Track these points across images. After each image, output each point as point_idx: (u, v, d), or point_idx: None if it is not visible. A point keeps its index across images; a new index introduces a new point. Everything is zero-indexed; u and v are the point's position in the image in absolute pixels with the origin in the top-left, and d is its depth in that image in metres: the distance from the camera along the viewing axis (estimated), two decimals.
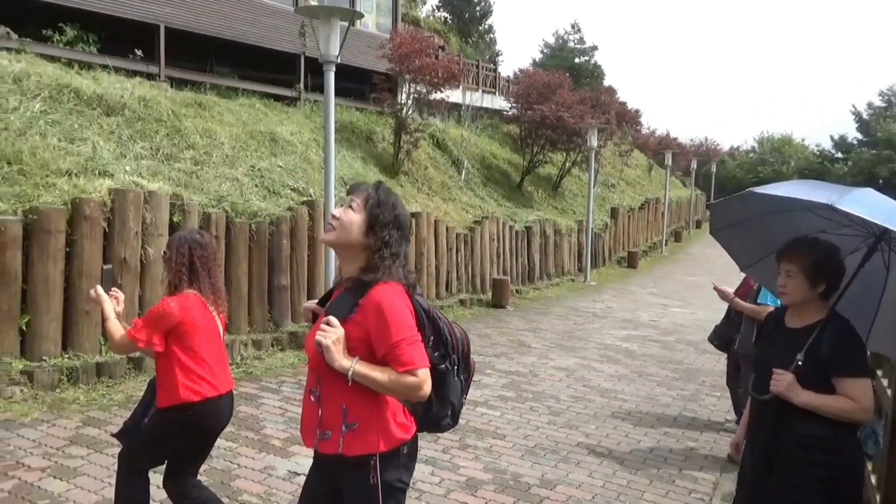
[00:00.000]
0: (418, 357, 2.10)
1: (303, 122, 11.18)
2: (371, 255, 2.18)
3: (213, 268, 3.22)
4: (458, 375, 2.32)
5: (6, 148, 6.30)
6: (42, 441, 4.49)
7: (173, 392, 3.01)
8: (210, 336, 3.13)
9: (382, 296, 2.12)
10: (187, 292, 3.10)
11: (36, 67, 7.85)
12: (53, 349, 5.54)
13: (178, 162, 7.72)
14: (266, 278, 7.28)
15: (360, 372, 2.09)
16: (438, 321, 2.27)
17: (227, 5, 11.71)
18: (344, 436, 2.17)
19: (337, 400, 2.18)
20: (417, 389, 2.10)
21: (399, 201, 2.27)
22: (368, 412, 2.17)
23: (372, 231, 2.18)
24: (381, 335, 2.11)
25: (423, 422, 2.30)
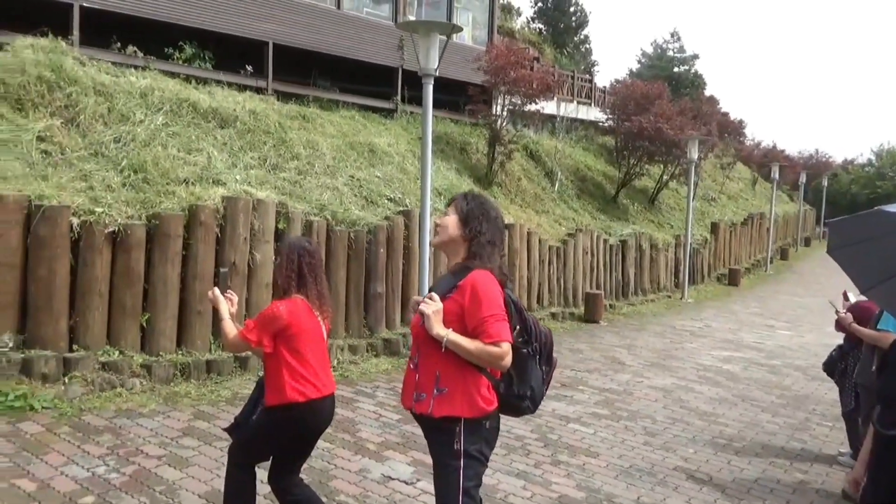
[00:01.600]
0: (503, 331, 2.44)
1: (400, 133, 11.44)
2: (469, 245, 2.56)
3: (320, 275, 3.33)
4: (539, 365, 2.63)
5: (133, 158, 6.83)
6: (158, 431, 4.81)
7: (280, 392, 3.14)
8: (315, 340, 3.24)
9: (477, 278, 2.48)
10: (295, 297, 3.22)
11: (159, 83, 8.45)
12: (169, 345, 5.93)
13: (284, 172, 8.09)
14: (363, 285, 7.48)
15: (452, 340, 2.44)
16: (524, 312, 2.61)
17: (329, 22, 12.19)
18: (434, 398, 2.51)
19: (431, 366, 2.53)
20: (500, 359, 2.43)
21: (486, 199, 2.67)
22: (457, 380, 2.49)
23: (465, 225, 2.57)
24: (473, 311, 2.45)
25: (505, 400, 2.58)
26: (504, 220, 2.71)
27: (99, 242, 5.59)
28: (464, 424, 2.48)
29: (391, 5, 13.80)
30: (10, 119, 6.67)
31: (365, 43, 12.57)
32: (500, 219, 2.65)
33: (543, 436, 5.53)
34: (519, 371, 2.55)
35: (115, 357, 5.57)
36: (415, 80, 12.51)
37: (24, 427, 4.62)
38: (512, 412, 2.65)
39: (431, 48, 7.19)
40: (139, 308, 5.81)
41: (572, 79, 20.16)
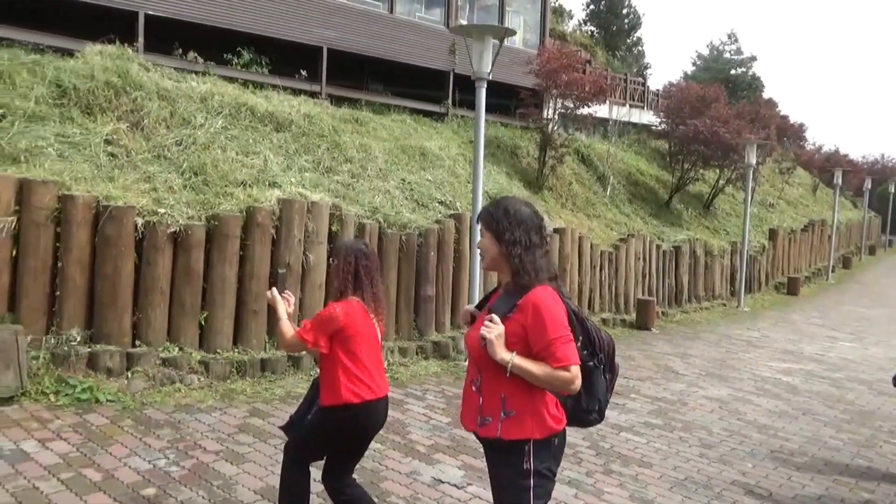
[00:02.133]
0: (571, 354, 2.32)
1: (451, 137, 11.48)
2: (511, 258, 2.42)
3: (376, 277, 3.35)
4: (604, 374, 2.53)
5: (194, 160, 7.04)
6: (215, 426, 4.93)
7: (336, 393, 3.17)
8: (370, 342, 3.27)
9: (540, 298, 2.35)
10: (351, 299, 3.25)
11: (218, 88, 8.69)
12: (226, 343, 6.07)
13: (337, 175, 8.21)
14: (413, 288, 7.52)
15: (518, 365, 2.32)
16: (586, 322, 2.49)
17: (382, 27, 12.33)
18: (502, 422, 2.41)
19: (496, 389, 2.42)
20: (570, 383, 2.32)
21: (509, 202, 2.51)
22: (525, 401, 2.39)
23: (500, 240, 2.44)
24: (537, 333, 2.33)
25: (573, 415, 2.50)
26: (534, 211, 2.51)
27: (161, 242, 5.77)
28: (533, 444, 2.39)
29: (443, 10, 13.86)
30: (80, 123, 6.96)
31: (417, 47, 12.66)
32: (530, 215, 2.48)
33: (595, 444, 5.44)
34: (586, 386, 2.44)
35: (175, 353, 5.74)
36: (466, 84, 12.60)
37: (90, 419, 4.80)
38: (580, 424, 2.59)
39: (485, 52, 7.19)
40: (198, 306, 5.98)
41: (625, 82, 19.87)
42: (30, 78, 7.04)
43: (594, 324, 2.55)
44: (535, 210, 2.52)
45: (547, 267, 2.45)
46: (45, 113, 6.84)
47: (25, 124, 6.57)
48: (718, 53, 40.77)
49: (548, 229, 2.85)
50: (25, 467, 4.01)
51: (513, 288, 2.44)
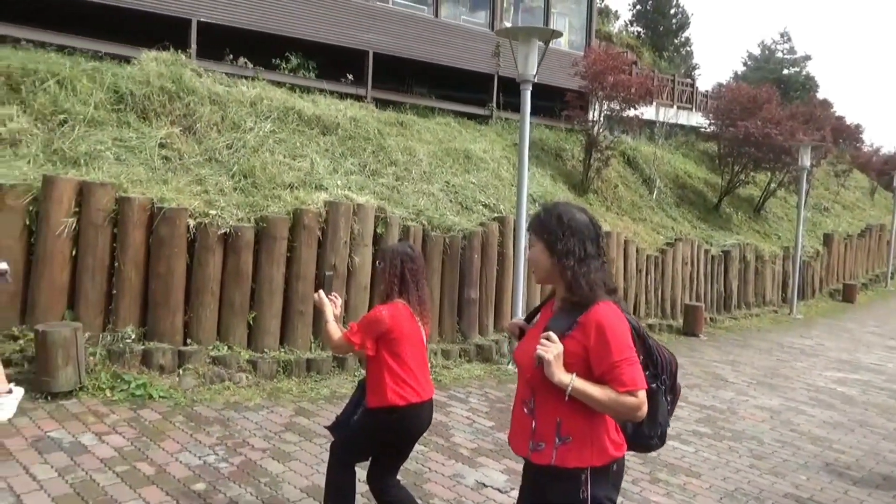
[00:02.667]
0: (638, 378, 2.13)
1: (495, 139, 11.46)
2: (564, 270, 2.22)
3: (421, 280, 3.37)
4: (665, 396, 2.35)
5: (243, 163, 7.20)
6: (263, 424, 5.02)
7: (381, 395, 3.19)
8: (415, 344, 3.28)
9: (604, 316, 2.15)
10: (397, 302, 3.27)
11: (267, 92, 8.88)
12: (273, 343, 6.18)
13: (382, 177, 8.28)
14: (457, 291, 7.52)
15: (578, 388, 2.12)
16: (648, 339, 2.31)
17: (427, 30, 12.40)
18: (557, 448, 2.21)
19: (551, 413, 2.23)
20: (636, 410, 2.12)
21: (564, 210, 2.29)
22: (582, 426, 2.20)
23: (553, 251, 2.24)
24: (601, 355, 2.14)
25: (634, 440, 2.33)
26: (591, 219, 2.31)
27: (212, 243, 5.92)
28: (591, 471, 2.19)
29: (487, 12, 13.86)
30: (136, 127, 7.20)
31: (461, 50, 12.69)
32: (586, 223, 2.27)
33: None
34: (649, 412, 2.23)
35: (224, 352, 5.87)
36: (510, 87, 12.56)
37: (144, 414, 4.95)
38: (641, 449, 2.42)
39: (530, 54, 7.16)
40: (247, 306, 6.10)
41: (672, 83, 19.50)
42: (90, 84, 7.31)
43: (656, 341, 2.37)
44: (592, 217, 2.30)
45: (604, 281, 2.23)
46: (103, 118, 7.10)
47: (85, 129, 6.83)
48: (770, 53, 39.69)
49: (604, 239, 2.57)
50: (83, 459, 4.15)
51: (570, 304, 2.24)
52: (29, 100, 6.88)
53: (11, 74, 7.01)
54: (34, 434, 4.41)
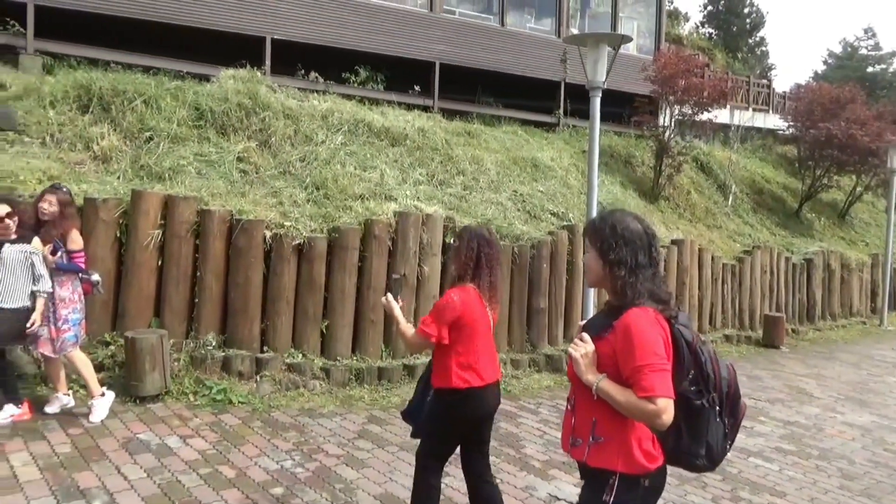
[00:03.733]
0: (659, 385, 2.10)
1: (562, 147, 11.34)
2: (614, 279, 2.26)
3: (495, 266, 3.34)
4: (721, 417, 2.27)
5: (316, 175, 7.39)
6: (336, 431, 5.11)
7: (446, 378, 3.22)
8: (483, 329, 3.27)
9: (633, 319, 2.17)
10: (468, 286, 3.26)
11: (338, 105, 9.09)
12: (345, 351, 6.30)
13: (450, 187, 8.33)
14: (525, 300, 7.47)
15: (603, 388, 2.19)
16: (701, 355, 2.24)
17: (493, 39, 12.42)
18: (590, 446, 2.28)
19: (587, 411, 2.30)
20: (654, 417, 2.10)
21: (618, 218, 2.32)
22: (614, 429, 2.23)
23: (605, 258, 2.29)
24: (626, 357, 2.16)
25: (673, 454, 2.29)
26: (645, 228, 2.31)
27: (287, 253, 6.09)
28: (619, 479, 2.20)
29: (553, 20, 13.78)
30: (215, 142, 7.51)
31: (527, 58, 12.65)
32: (639, 233, 2.28)
33: (721, 468, 5.12)
34: (691, 426, 2.23)
35: (299, 360, 6.02)
36: (577, 93, 12.42)
37: (224, 418, 5.13)
38: (685, 467, 2.33)
39: (599, 61, 7.05)
40: (320, 315, 6.24)
41: (747, 84, 18.82)
42: (173, 102, 7.68)
43: (714, 357, 2.28)
44: (647, 226, 2.33)
45: (652, 290, 2.23)
46: (185, 134, 7.44)
47: (169, 145, 7.18)
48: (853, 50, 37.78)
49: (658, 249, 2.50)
50: (169, 461, 4.34)
51: (609, 308, 2.32)
52: (118, 119, 7.30)
53: (103, 95, 7.45)
54: (125, 436, 4.64)
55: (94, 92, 7.46)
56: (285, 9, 10.25)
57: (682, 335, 2.21)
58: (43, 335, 4.75)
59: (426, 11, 11.92)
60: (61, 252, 4.80)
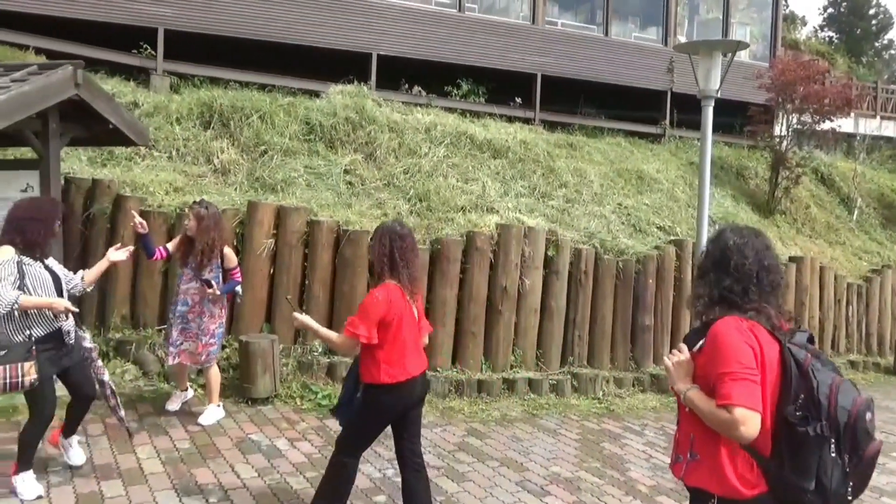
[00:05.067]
0: (738, 393, 2.00)
1: (669, 159, 10.95)
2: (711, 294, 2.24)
3: (411, 258, 3.37)
4: (838, 452, 2.01)
5: (419, 187, 7.51)
6: (437, 442, 5.12)
7: (372, 374, 3.32)
8: (409, 324, 3.35)
9: (720, 327, 2.12)
10: (388, 283, 3.31)
11: (440, 119, 9.22)
12: (445, 362, 6.32)
13: (552, 199, 8.22)
14: (630, 317, 7.22)
15: (690, 397, 2.15)
16: (813, 379, 2.04)
17: (596, 49, 12.22)
18: (688, 463, 2.23)
19: (687, 427, 2.26)
20: (731, 428, 2.01)
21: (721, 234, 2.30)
22: (710, 447, 2.15)
23: (702, 276, 2.29)
24: (709, 365, 2.12)
25: (777, 485, 2.09)
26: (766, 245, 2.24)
27: None
28: (717, 501, 2.12)
29: (660, 28, 13.40)
30: (324, 156, 7.80)
31: (632, 68, 12.35)
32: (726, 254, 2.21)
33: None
34: (794, 454, 2.03)
35: None
36: (684, 103, 11.98)
37: (329, 423, 5.24)
38: (791, 500, 2.08)
39: (712, 69, 6.74)
40: None
41: (875, 91, 17.46)
42: (285, 118, 8.06)
43: (835, 384, 2.04)
44: (767, 244, 2.25)
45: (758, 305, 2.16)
46: (296, 148, 7.78)
47: (282, 158, 7.52)
48: None
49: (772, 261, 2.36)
50: (279, 463, 4.49)
51: (707, 319, 2.25)
52: (236, 133, 7.74)
53: (223, 112, 7.93)
54: (238, 436, 4.86)
55: (215, 109, 7.96)
56: (390, 25, 10.55)
57: (792, 354, 2.06)
58: (188, 348, 4.91)
59: (528, 24, 11.91)
60: (218, 272, 4.91)
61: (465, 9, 11.39)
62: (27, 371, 3.53)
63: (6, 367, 3.50)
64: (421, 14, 10.99)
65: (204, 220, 4.81)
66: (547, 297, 6.77)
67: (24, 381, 3.53)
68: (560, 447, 5.27)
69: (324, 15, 10.12)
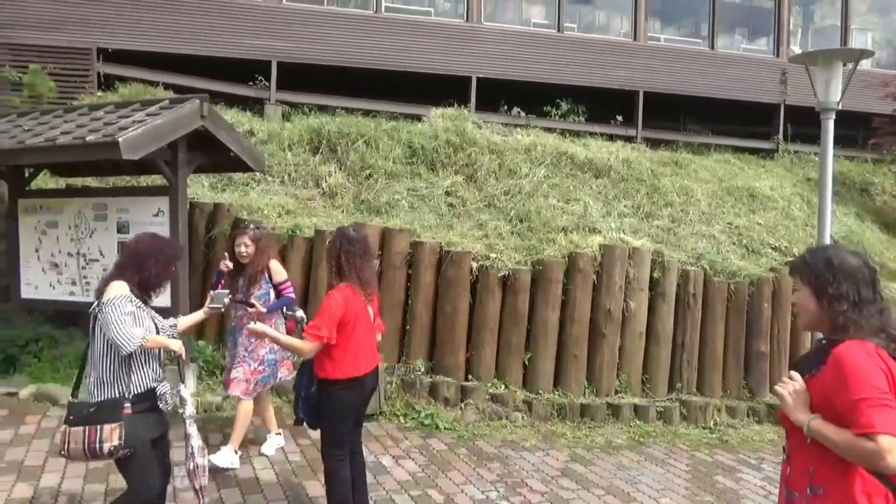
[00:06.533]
0: (880, 420, 1.86)
1: (783, 175, 10.36)
2: (835, 315, 2.08)
3: (360, 260, 3.53)
4: None
5: (520, 208, 7.51)
6: (540, 467, 5.04)
7: (325, 370, 3.48)
8: (364, 323, 3.53)
9: (846, 351, 1.98)
10: (342, 286, 3.47)
11: (540, 139, 9.19)
12: (547, 384, 6.23)
13: (657, 219, 7.98)
14: (743, 342, 6.84)
15: (815, 428, 1.99)
16: None
17: (702, 63, 11.81)
18: (808, 499, 2.06)
19: (803, 460, 2.09)
20: (877, 458, 1.86)
21: (833, 253, 2.16)
22: (837, 480, 1.99)
23: (821, 295, 2.11)
24: (839, 392, 1.96)
25: None
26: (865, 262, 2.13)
27: (492, 285, 6.21)
28: None
29: (771, 39, 12.79)
30: (425, 178, 7.97)
31: (740, 81, 11.82)
32: (859, 266, 2.10)
33: None
34: None
35: (502, 390, 6.07)
36: (799, 116, 11.33)
37: (432, 443, 5.31)
38: None
39: (832, 80, 6.35)
40: (522, 347, 6.26)
41: None
42: (389, 142, 8.31)
43: None
44: (867, 261, 2.15)
45: (880, 327, 2.03)
46: (399, 171, 7.99)
47: (386, 181, 7.75)
48: None
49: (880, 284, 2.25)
50: (384, 479, 4.58)
51: (822, 345, 2.15)
52: (343, 158, 8.06)
53: (330, 137, 8.29)
54: None
55: (323, 135, 8.33)
56: (489, 49, 10.67)
57: None
58: (238, 376, 4.55)
59: (629, 40, 11.70)
60: (267, 288, 4.63)
61: (563, 28, 11.35)
62: (108, 436, 2.96)
63: (86, 430, 2.97)
64: (519, 36, 11.06)
65: (261, 241, 4.63)
66: (653, 320, 6.55)
67: (104, 448, 2.97)
68: (669, 478, 5.05)
69: (425, 42, 10.39)
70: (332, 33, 10.00)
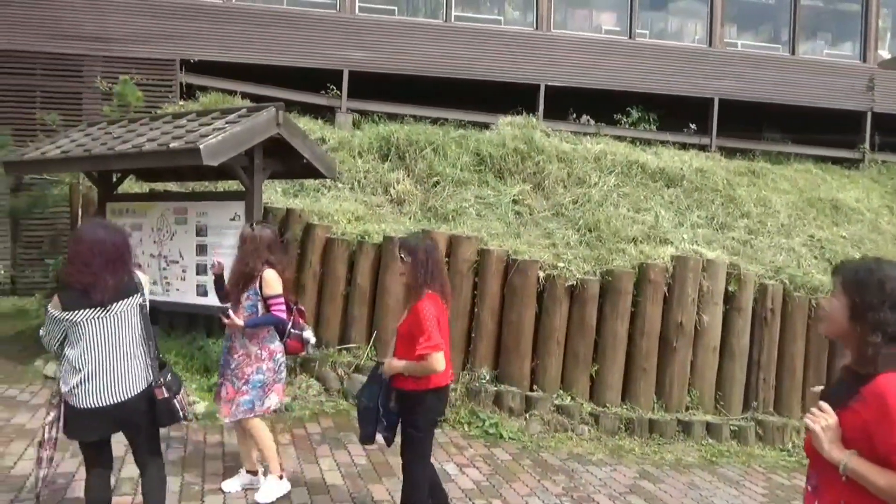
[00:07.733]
0: None
1: (869, 186, 9.85)
2: (862, 343, 1.92)
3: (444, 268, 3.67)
4: None
5: (588, 217, 7.39)
6: (607, 482, 4.92)
7: (423, 381, 3.37)
8: (445, 330, 3.45)
9: (887, 387, 1.83)
10: (428, 293, 3.40)
11: (610, 147, 9.05)
12: (615, 398, 6.08)
13: (733, 231, 7.70)
14: (825, 361, 6.50)
15: (854, 469, 1.86)
16: None
17: (781, 70, 11.37)
18: None
19: (834, 494, 1.96)
20: None
21: (889, 274, 1.92)
22: None
23: (857, 316, 1.93)
24: (882, 432, 1.83)
25: None
26: None
27: (559, 294, 6.12)
28: None
29: (856, 43, 12.18)
30: (493, 186, 7.96)
31: (822, 88, 11.32)
32: None
33: None
34: None
35: (568, 402, 5.96)
36: (887, 124, 10.74)
37: (496, 452, 5.26)
38: None
39: None
40: (590, 358, 6.13)
41: None
42: (457, 149, 8.35)
43: None
44: None
45: None
46: (467, 178, 8.01)
47: (453, 189, 7.78)
48: None
49: None
50: (449, 487, 4.52)
51: (849, 374, 2.00)
52: (411, 165, 8.14)
53: (399, 145, 8.39)
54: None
55: (392, 142, 8.45)
56: (558, 56, 10.60)
57: None
58: (223, 395, 4.01)
59: (705, 47, 11.40)
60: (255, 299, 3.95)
61: (635, 35, 11.16)
62: None
63: None
64: (590, 43, 10.94)
65: (255, 240, 3.95)
66: (727, 335, 6.30)
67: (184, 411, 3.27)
68: (745, 501, 4.83)
69: (494, 50, 10.41)
70: (403, 43, 10.15)
